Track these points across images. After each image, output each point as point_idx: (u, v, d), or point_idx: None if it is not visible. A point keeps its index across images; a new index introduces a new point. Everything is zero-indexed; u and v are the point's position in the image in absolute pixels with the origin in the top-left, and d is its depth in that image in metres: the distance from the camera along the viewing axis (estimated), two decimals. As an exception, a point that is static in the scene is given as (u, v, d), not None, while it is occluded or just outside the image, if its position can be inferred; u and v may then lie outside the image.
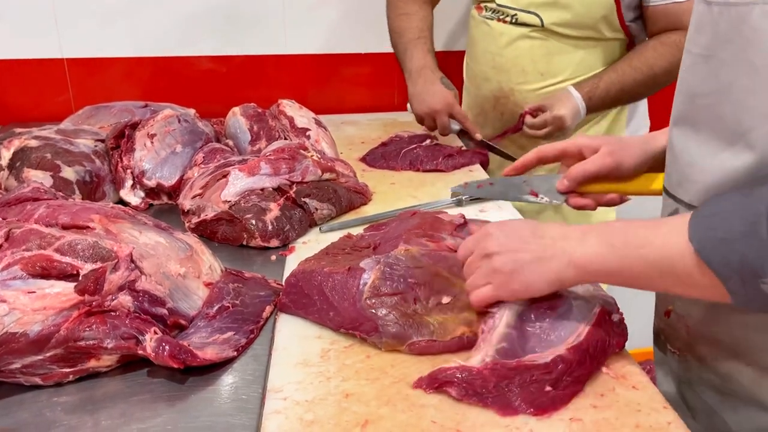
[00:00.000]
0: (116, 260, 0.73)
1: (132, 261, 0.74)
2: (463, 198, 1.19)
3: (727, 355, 0.71)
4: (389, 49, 1.56)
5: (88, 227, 0.79)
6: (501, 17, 1.41)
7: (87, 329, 0.69)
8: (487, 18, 1.44)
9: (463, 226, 0.92)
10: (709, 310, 0.71)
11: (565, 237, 0.68)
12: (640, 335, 1.83)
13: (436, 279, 0.79)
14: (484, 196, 1.15)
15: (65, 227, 0.78)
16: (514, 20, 1.39)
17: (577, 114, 1.36)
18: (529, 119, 1.38)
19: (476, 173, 1.37)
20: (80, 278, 0.70)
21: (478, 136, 1.43)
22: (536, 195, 0.95)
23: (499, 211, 1.17)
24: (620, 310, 0.77)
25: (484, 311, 0.75)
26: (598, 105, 1.38)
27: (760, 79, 0.59)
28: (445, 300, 0.77)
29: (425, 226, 0.90)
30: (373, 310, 0.76)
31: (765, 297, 0.55)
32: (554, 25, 1.35)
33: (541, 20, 1.36)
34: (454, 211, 1.14)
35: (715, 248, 0.57)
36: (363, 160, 1.44)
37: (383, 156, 1.42)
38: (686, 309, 0.75)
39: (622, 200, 0.90)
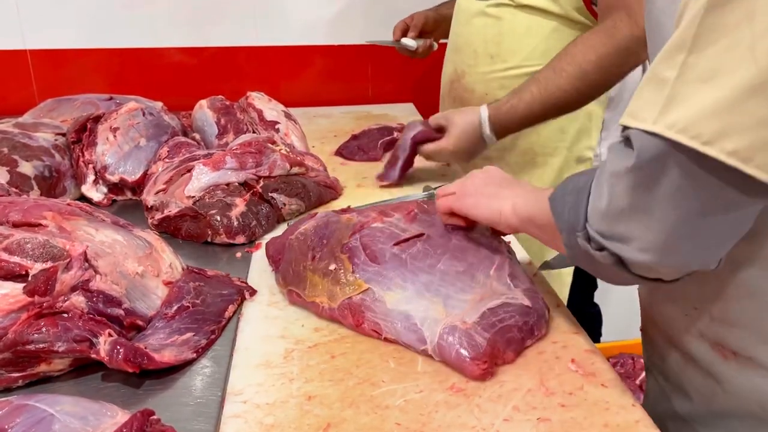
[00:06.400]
0: (68, 259, 0.69)
1: (86, 260, 0.71)
2: (435, 192, 1.17)
3: (662, 338, 0.71)
4: (363, 41, 1.53)
5: (41, 225, 0.75)
6: None
7: (36, 332, 0.66)
8: None
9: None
10: (651, 289, 0.71)
11: (510, 186, 0.80)
12: (619, 329, 1.82)
13: (339, 248, 0.83)
14: None
15: (16, 225, 0.75)
16: None
17: (475, 139, 1.15)
18: (427, 146, 1.19)
19: (453, 166, 1.35)
20: (29, 278, 0.67)
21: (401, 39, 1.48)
22: None
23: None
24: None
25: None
26: (518, 126, 1.14)
27: None
28: (331, 267, 0.81)
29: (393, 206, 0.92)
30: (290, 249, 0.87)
31: (582, 251, 0.61)
32: None
33: None
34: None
35: (558, 199, 0.64)
36: (339, 153, 1.41)
37: (360, 148, 1.39)
38: (642, 290, 0.75)
39: None
